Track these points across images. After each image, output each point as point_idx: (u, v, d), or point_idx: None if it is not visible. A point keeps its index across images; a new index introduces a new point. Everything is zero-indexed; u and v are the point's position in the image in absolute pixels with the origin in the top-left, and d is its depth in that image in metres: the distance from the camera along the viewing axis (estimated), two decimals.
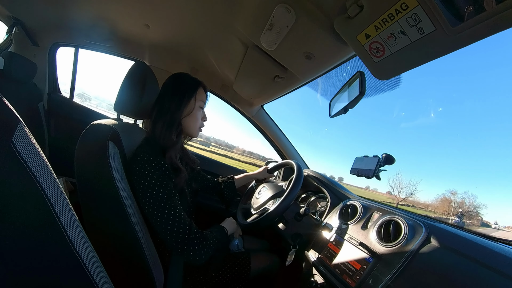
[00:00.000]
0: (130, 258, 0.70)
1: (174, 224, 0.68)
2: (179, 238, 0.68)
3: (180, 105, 0.83)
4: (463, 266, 0.59)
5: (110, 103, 1.76)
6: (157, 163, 0.72)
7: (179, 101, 0.83)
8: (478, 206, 26.86)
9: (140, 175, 0.70)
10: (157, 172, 0.71)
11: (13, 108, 0.31)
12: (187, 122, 0.87)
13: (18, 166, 0.30)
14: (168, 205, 0.69)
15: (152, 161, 0.71)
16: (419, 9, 0.47)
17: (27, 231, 0.31)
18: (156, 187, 0.69)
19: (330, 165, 56.43)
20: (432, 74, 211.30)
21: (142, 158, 0.71)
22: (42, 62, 1.58)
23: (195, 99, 0.86)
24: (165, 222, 0.68)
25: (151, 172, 0.70)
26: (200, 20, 1.05)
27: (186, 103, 0.84)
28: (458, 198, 28.36)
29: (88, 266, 0.37)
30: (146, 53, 1.54)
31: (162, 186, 0.70)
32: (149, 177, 0.69)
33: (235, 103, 1.73)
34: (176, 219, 0.69)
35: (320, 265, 0.88)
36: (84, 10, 1.27)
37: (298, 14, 0.70)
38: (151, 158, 0.72)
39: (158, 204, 0.69)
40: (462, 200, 28.26)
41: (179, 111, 0.83)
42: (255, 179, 1.33)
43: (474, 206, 26.20)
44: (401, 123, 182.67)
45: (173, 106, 0.83)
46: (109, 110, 3.47)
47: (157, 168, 0.71)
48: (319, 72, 0.98)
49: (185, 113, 0.85)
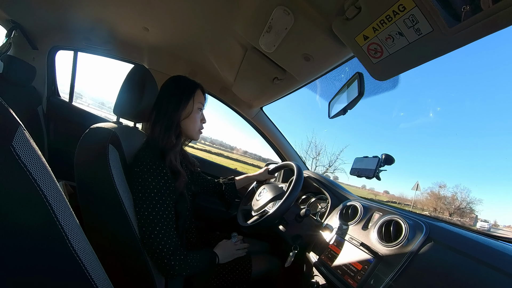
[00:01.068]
0: (131, 261, 0.69)
1: (161, 237, 0.67)
2: (161, 254, 0.67)
3: (178, 107, 0.83)
4: (464, 265, 0.59)
5: (101, 102, 1.75)
6: (156, 168, 0.71)
7: (177, 103, 0.83)
8: (472, 201, 23.18)
9: (139, 181, 0.69)
10: (156, 180, 0.70)
11: (13, 112, 0.31)
12: (186, 124, 0.86)
13: (18, 170, 0.30)
14: (161, 219, 0.68)
15: (151, 167, 0.70)
16: (416, 10, 0.48)
17: (28, 235, 0.31)
18: (150, 197, 0.68)
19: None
20: (432, 74, 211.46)
21: (142, 162, 0.71)
22: (41, 66, 1.58)
23: (193, 101, 0.86)
24: (154, 235, 0.67)
25: (149, 179, 0.69)
26: (199, 23, 1.06)
27: (184, 105, 0.84)
28: (449, 192, 24.36)
29: (89, 268, 0.37)
30: (145, 56, 1.55)
31: (157, 197, 0.69)
32: (147, 186, 0.69)
33: (234, 105, 1.73)
34: (165, 236, 0.68)
35: (321, 266, 0.88)
36: (83, 14, 1.28)
37: (297, 16, 0.71)
38: (150, 163, 0.71)
39: (152, 214, 0.68)
40: (453, 195, 23.87)
41: (177, 113, 0.83)
42: (256, 180, 1.33)
43: (467, 202, 23.05)
44: (400, 124, 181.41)
45: (170, 108, 0.82)
46: (100, 108, 3.47)
47: (156, 175, 0.70)
48: (317, 74, 0.98)
49: (184, 115, 0.85)
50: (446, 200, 23.68)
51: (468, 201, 23.27)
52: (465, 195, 23.77)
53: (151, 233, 0.67)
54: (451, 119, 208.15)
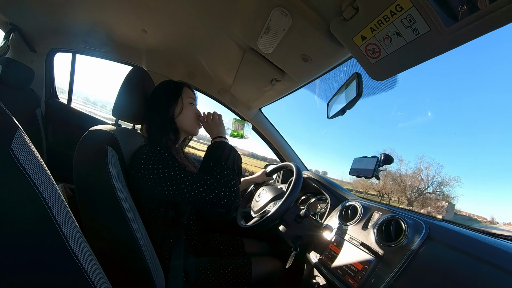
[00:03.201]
0: (131, 263, 0.69)
1: (199, 187, 0.71)
2: (209, 192, 0.72)
3: (167, 106, 0.85)
4: (465, 263, 0.59)
5: (85, 97, 1.74)
6: (158, 152, 0.73)
7: (166, 103, 0.86)
8: (445, 182, 14.23)
9: (146, 168, 0.71)
10: (162, 159, 0.72)
11: (11, 115, 0.31)
12: (181, 121, 0.88)
13: (16, 172, 0.30)
14: (185, 179, 0.71)
15: (153, 152, 0.72)
16: (413, 10, 0.48)
17: (26, 237, 0.31)
18: (165, 174, 0.71)
19: (330, 166, 54.94)
20: (431, 74, 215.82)
21: (141, 154, 0.73)
22: (40, 68, 1.58)
23: (182, 98, 0.88)
24: (189, 191, 0.71)
25: (155, 162, 0.71)
26: (197, 25, 1.06)
27: (173, 104, 0.86)
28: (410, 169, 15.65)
29: (88, 271, 0.37)
30: (143, 58, 1.55)
31: (170, 170, 0.71)
32: (155, 168, 0.71)
33: (233, 107, 1.73)
34: (194, 183, 0.72)
35: (322, 267, 0.88)
36: (81, 16, 1.28)
37: (295, 17, 0.71)
38: (151, 149, 0.73)
39: (177, 185, 0.71)
40: (415, 173, 15.05)
41: (168, 112, 0.85)
42: (254, 183, 1.33)
43: (439, 183, 14.63)
44: (399, 123, 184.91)
45: (162, 109, 0.85)
46: (84, 104, 3.45)
47: (160, 156, 0.72)
48: (316, 74, 0.98)
49: (176, 112, 0.87)
50: (405, 181, 15.30)
51: (439, 181, 14.67)
52: (434, 172, 15.06)
53: (185, 193, 0.71)
54: (450, 118, 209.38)
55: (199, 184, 0.72)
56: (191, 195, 0.71)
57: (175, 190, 0.71)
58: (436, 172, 14.93)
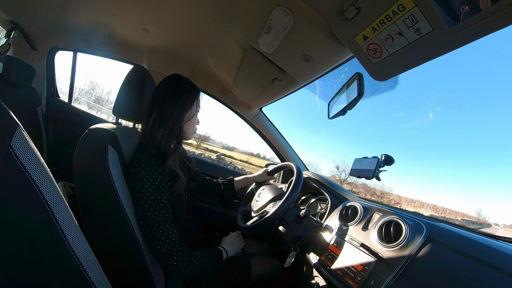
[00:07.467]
0: (130, 263, 0.69)
1: (161, 238, 0.67)
2: (163, 255, 0.68)
3: (183, 111, 0.81)
4: (465, 265, 0.59)
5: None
6: (155, 171, 0.70)
7: (182, 108, 0.81)
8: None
9: (137, 183, 0.69)
10: (156, 183, 0.69)
11: (12, 113, 0.31)
12: (186, 127, 0.86)
13: (16, 171, 0.30)
14: (157, 219, 0.68)
15: (150, 170, 0.70)
16: (416, 10, 0.48)
17: (26, 236, 0.31)
18: (150, 200, 0.68)
19: (329, 166, 55.10)
20: (430, 74, 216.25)
21: (140, 165, 0.70)
22: (41, 66, 1.58)
23: (196, 105, 0.86)
24: (152, 236, 0.67)
25: (148, 182, 0.69)
26: (198, 24, 1.06)
27: (188, 110, 0.83)
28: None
29: (88, 270, 0.37)
30: (144, 57, 1.55)
31: (157, 200, 0.69)
32: (145, 188, 0.68)
33: (233, 106, 1.73)
34: (163, 236, 0.68)
35: (322, 267, 0.87)
36: (83, 15, 1.28)
37: (296, 16, 0.71)
38: (149, 165, 0.70)
39: (148, 215, 0.68)
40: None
41: (182, 118, 0.82)
42: (255, 181, 1.32)
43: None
44: (399, 124, 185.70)
45: (176, 113, 0.80)
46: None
47: (155, 178, 0.70)
48: (317, 74, 0.98)
49: (186, 119, 0.84)
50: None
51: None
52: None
53: (150, 233, 0.67)
54: (449, 118, 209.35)
55: (167, 239, 0.68)
56: (148, 234, 0.68)
57: (143, 218, 0.68)
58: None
